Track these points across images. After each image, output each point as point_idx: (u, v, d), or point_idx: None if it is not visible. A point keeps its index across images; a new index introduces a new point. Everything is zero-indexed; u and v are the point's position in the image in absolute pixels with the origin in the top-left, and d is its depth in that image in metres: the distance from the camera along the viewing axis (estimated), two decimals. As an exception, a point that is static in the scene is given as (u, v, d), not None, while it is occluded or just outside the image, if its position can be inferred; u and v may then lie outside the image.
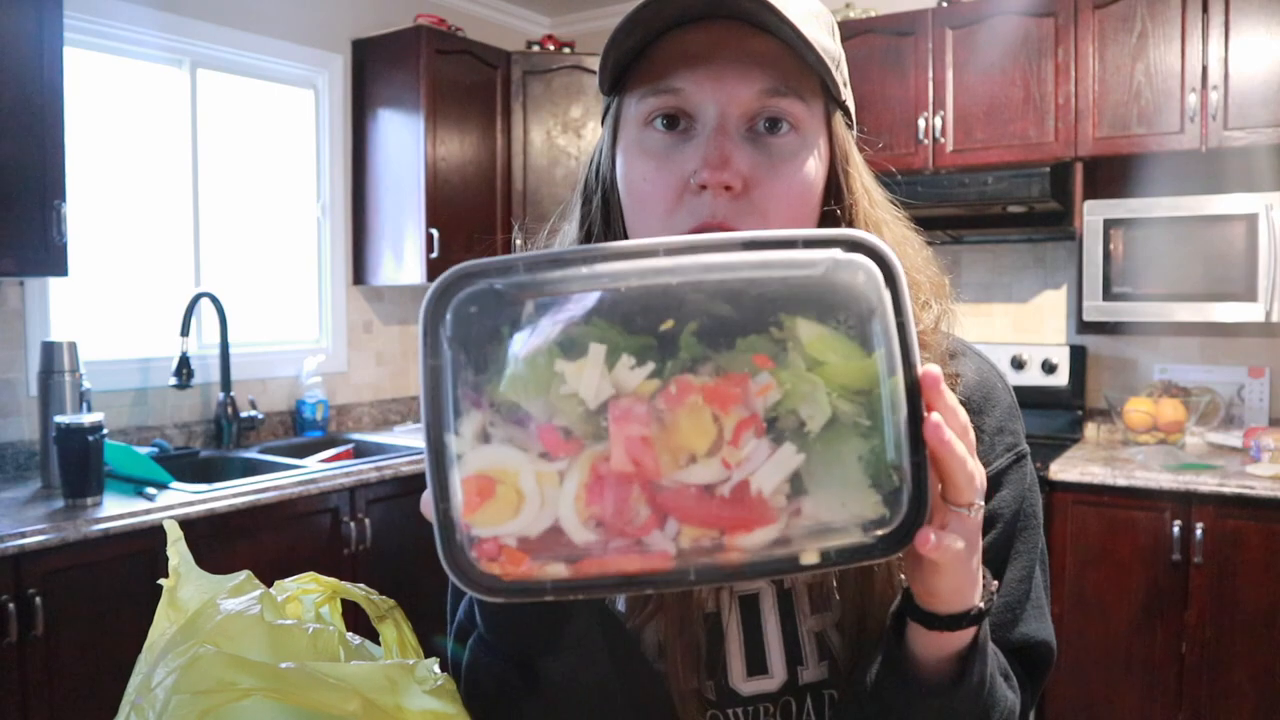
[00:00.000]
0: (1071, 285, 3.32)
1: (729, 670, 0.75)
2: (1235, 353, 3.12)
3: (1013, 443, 0.78)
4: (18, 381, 2.68)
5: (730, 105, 0.66)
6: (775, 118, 0.66)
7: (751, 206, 0.66)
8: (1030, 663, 0.76)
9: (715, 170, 0.64)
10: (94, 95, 2.88)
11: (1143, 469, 2.67)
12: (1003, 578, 0.75)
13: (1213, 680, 2.55)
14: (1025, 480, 0.78)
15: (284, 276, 3.49)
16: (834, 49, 0.70)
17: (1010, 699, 0.68)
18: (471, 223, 3.63)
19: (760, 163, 0.66)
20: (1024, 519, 0.77)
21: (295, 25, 3.39)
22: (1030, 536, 0.77)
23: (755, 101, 0.66)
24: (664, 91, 0.67)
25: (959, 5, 3.17)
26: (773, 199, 0.66)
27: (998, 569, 0.75)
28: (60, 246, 2.39)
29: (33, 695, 2.03)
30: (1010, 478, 0.77)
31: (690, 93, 0.66)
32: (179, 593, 0.71)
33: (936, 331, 0.74)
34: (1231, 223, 2.76)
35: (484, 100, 3.69)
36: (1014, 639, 0.75)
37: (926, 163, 3.17)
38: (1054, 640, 0.77)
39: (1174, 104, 2.84)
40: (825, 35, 0.69)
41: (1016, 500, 0.77)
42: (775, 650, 0.75)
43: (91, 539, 2.12)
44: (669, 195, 0.67)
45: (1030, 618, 0.76)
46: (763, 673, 0.75)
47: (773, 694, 0.75)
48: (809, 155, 0.68)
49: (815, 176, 0.69)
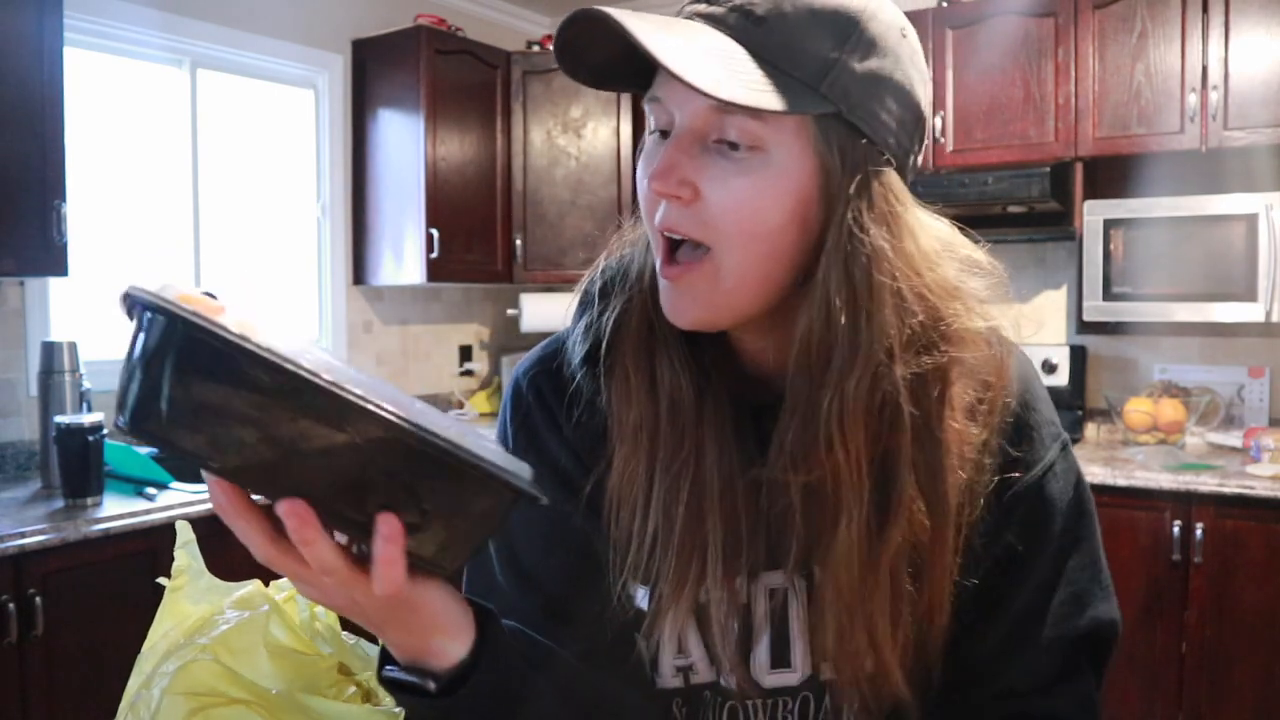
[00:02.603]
0: (1071, 285, 3.32)
1: (753, 662, 0.76)
2: (1235, 353, 3.12)
3: (1056, 432, 0.79)
4: (18, 381, 2.68)
5: (688, 115, 0.66)
6: (732, 140, 0.64)
7: (697, 217, 0.66)
8: (1098, 643, 0.76)
9: (655, 179, 0.66)
10: (94, 95, 2.88)
11: (1143, 469, 2.67)
12: (1066, 565, 0.76)
13: (1213, 680, 2.55)
14: (1073, 466, 0.79)
15: (284, 276, 3.49)
16: (819, 55, 0.64)
17: None
18: (471, 223, 3.63)
19: (712, 175, 0.65)
20: (1080, 504, 0.78)
21: (295, 25, 3.40)
22: (1088, 522, 0.78)
23: (709, 116, 0.65)
24: (651, 99, 0.68)
25: (959, 5, 3.17)
26: (721, 213, 0.65)
27: (1062, 557, 0.76)
28: (60, 246, 2.39)
29: (33, 695, 2.04)
30: (1061, 467, 0.77)
31: (665, 101, 0.67)
32: (185, 595, 0.71)
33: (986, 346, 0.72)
34: (1231, 223, 2.76)
35: (484, 100, 3.69)
36: (1083, 624, 0.75)
37: (926, 163, 3.17)
38: (1119, 616, 0.77)
39: (1174, 104, 2.84)
40: (811, 40, 0.64)
41: (1071, 487, 0.78)
42: (799, 645, 0.76)
43: (91, 539, 2.12)
44: (652, 197, 0.68)
45: (1098, 600, 0.76)
46: (785, 666, 0.76)
47: (793, 688, 0.77)
48: (766, 172, 0.65)
49: (776, 195, 0.65)
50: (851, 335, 0.66)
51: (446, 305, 4.03)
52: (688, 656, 0.76)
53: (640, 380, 0.73)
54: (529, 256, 3.81)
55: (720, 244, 0.66)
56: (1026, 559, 0.75)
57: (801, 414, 0.68)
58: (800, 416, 0.68)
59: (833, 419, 0.66)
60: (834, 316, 0.66)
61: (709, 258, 0.67)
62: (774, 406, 0.72)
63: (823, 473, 0.67)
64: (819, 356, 0.67)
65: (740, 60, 0.63)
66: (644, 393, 0.73)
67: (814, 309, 0.66)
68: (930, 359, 0.67)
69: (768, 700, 0.77)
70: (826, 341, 0.66)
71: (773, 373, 0.75)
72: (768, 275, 0.67)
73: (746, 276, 0.67)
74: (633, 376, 0.73)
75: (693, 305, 0.68)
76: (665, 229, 0.67)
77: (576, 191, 3.82)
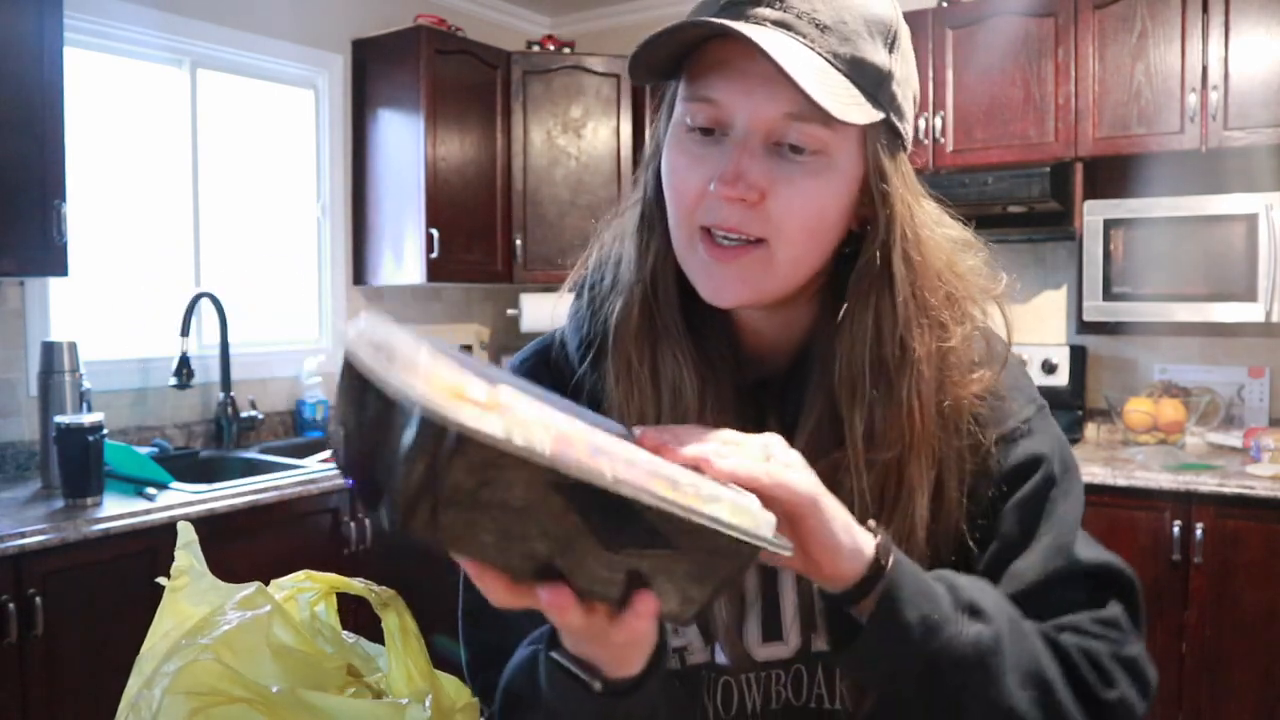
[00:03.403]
0: (1071, 285, 3.32)
1: (745, 635, 0.77)
2: (1235, 353, 3.12)
3: (1032, 395, 0.81)
4: (18, 381, 2.68)
5: (755, 121, 0.68)
6: (796, 144, 0.68)
7: (765, 217, 0.69)
8: (1108, 585, 0.75)
9: (727, 185, 0.68)
10: (94, 95, 2.88)
11: (1143, 469, 2.67)
12: (1054, 518, 0.76)
13: (1213, 680, 2.55)
14: (1053, 427, 0.80)
15: (284, 276, 3.49)
16: (878, 63, 0.69)
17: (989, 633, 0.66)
18: (471, 223, 3.63)
19: (780, 178, 0.68)
20: (1063, 463, 0.78)
21: (295, 25, 3.39)
22: (1073, 481, 0.79)
23: (780, 122, 0.68)
24: (701, 99, 0.70)
25: (959, 5, 3.17)
26: (788, 214, 0.69)
27: (1038, 514, 0.76)
28: (60, 246, 2.39)
29: (33, 695, 2.04)
30: (1038, 424, 0.79)
31: (723, 104, 0.69)
32: (186, 596, 0.71)
33: (969, 342, 0.76)
34: (1231, 223, 2.76)
35: (484, 100, 3.69)
36: (1075, 571, 0.74)
37: (926, 163, 3.17)
38: (1120, 564, 0.76)
39: (1174, 104, 2.84)
40: (869, 49, 0.69)
41: (1052, 442, 0.79)
42: (790, 617, 0.78)
43: (91, 539, 2.12)
44: (693, 192, 0.70)
45: (1082, 547, 0.76)
46: (777, 639, 0.78)
47: (786, 660, 0.78)
48: (831, 174, 0.70)
49: (836, 195, 0.71)
50: (918, 312, 0.72)
51: (446, 305, 4.03)
52: (683, 637, 0.77)
53: (644, 371, 0.75)
54: (529, 256, 3.81)
55: (778, 238, 0.69)
56: (1011, 513, 0.76)
57: (882, 396, 0.71)
58: (880, 397, 0.71)
59: (912, 393, 0.71)
60: (901, 297, 0.72)
61: (763, 247, 0.70)
62: (767, 383, 0.78)
63: (902, 447, 0.71)
64: (885, 335, 0.72)
65: (828, 72, 0.67)
66: (647, 383, 0.75)
67: (873, 295, 0.72)
68: (944, 329, 0.74)
69: (760, 674, 0.78)
70: (892, 319, 0.72)
71: (769, 350, 0.79)
72: (814, 264, 0.73)
73: (799, 265, 0.71)
74: (635, 367, 0.75)
75: (743, 288, 0.71)
76: (726, 229, 0.69)
77: (576, 191, 3.82)
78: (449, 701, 0.70)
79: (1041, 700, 0.66)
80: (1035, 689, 0.66)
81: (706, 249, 0.71)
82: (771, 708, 0.79)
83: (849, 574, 0.62)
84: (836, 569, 0.62)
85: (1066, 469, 0.78)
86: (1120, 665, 0.70)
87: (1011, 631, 0.66)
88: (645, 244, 0.77)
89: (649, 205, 0.77)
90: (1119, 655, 0.70)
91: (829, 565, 0.62)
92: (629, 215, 0.80)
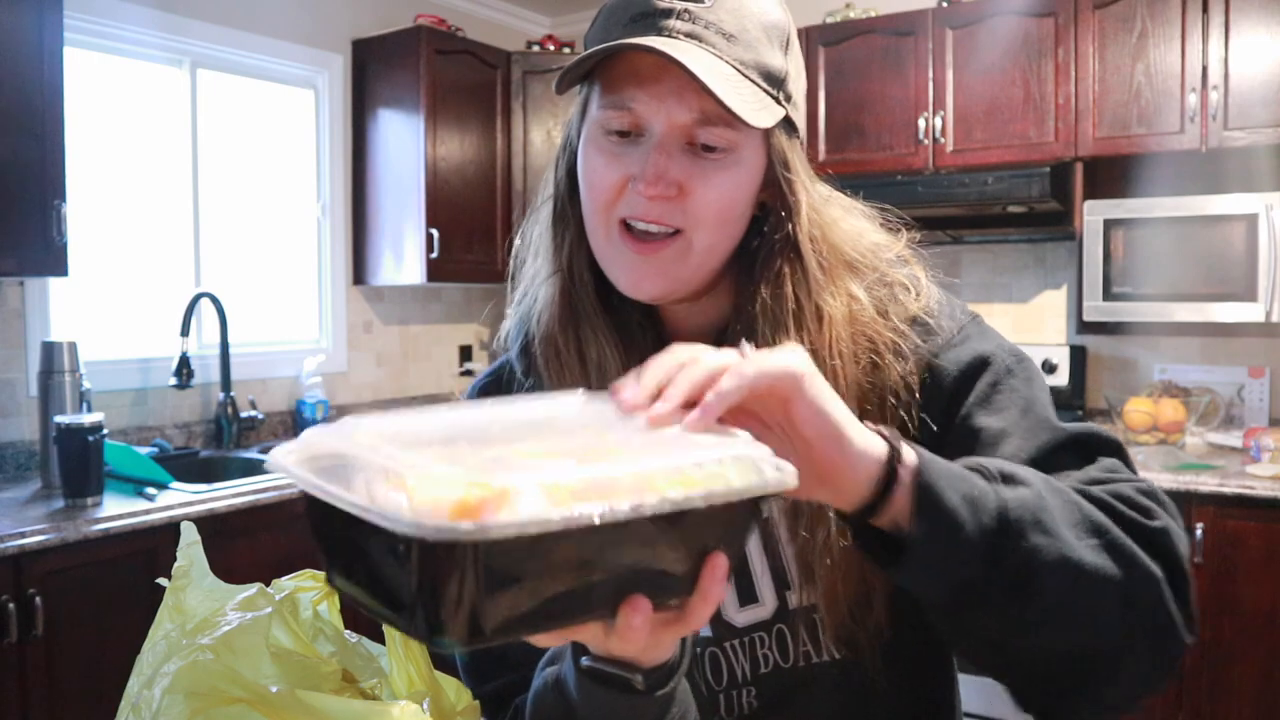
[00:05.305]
0: (1071, 285, 3.32)
1: (723, 603, 0.78)
2: (1235, 353, 3.12)
3: (963, 310, 0.84)
4: (18, 381, 2.68)
5: (672, 126, 0.74)
6: (709, 144, 0.74)
7: (683, 210, 0.75)
8: (1097, 447, 0.75)
9: (650, 184, 0.73)
10: (94, 95, 2.88)
11: (1143, 469, 2.67)
12: (1022, 401, 0.76)
13: (1213, 680, 2.55)
14: (992, 331, 0.83)
15: (284, 276, 3.49)
16: (777, 66, 0.76)
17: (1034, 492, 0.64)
18: (471, 223, 3.63)
19: (695, 174, 0.75)
20: (1014, 355, 0.80)
21: (295, 25, 3.40)
22: (1030, 369, 0.80)
23: (692, 126, 0.74)
24: (618, 107, 0.75)
25: (959, 5, 3.17)
26: (704, 206, 0.75)
27: (1004, 404, 0.77)
28: (60, 246, 2.39)
29: (33, 695, 2.04)
30: (974, 330, 0.82)
31: (639, 111, 0.75)
32: (187, 596, 0.71)
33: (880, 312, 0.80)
34: (1231, 223, 2.76)
35: (484, 100, 3.69)
36: (1061, 439, 0.74)
37: (926, 163, 3.17)
38: (1102, 429, 0.76)
39: (1174, 104, 2.84)
40: (769, 53, 0.75)
41: (995, 340, 0.81)
42: (763, 577, 0.80)
43: (91, 539, 2.12)
44: (612, 188, 0.76)
45: (1059, 420, 0.76)
46: (754, 601, 0.80)
47: (766, 621, 0.80)
48: (740, 168, 0.76)
49: (745, 185, 0.77)
50: (827, 279, 0.78)
51: (446, 305, 4.03)
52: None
53: (570, 354, 0.81)
54: (529, 256, 3.80)
55: (695, 228, 0.75)
56: (977, 411, 0.77)
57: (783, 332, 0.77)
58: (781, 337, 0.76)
59: (834, 352, 0.76)
60: (811, 266, 0.78)
61: (681, 238, 0.76)
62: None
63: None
64: (801, 301, 0.78)
65: (737, 79, 0.73)
66: (575, 364, 0.80)
67: (785, 268, 0.78)
68: (851, 290, 0.80)
69: (744, 639, 0.80)
70: (805, 287, 0.78)
71: (692, 335, 0.82)
72: (725, 251, 0.79)
73: (712, 253, 0.77)
74: (563, 352, 0.81)
75: (661, 280, 0.76)
76: (648, 221, 0.75)
77: (576, 191, 3.82)
78: (450, 704, 0.70)
79: (1104, 545, 0.63)
80: (1093, 535, 0.63)
81: (628, 243, 0.76)
82: (761, 672, 0.80)
83: (863, 475, 0.59)
84: (850, 469, 0.58)
85: (1020, 359, 0.80)
86: (1149, 498, 0.68)
87: (1048, 487, 0.64)
88: (560, 236, 0.82)
89: (562, 200, 0.83)
90: (1142, 490, 0.69)
91: (841, 463, 0.58)
92: (544, 210, 0.86)
